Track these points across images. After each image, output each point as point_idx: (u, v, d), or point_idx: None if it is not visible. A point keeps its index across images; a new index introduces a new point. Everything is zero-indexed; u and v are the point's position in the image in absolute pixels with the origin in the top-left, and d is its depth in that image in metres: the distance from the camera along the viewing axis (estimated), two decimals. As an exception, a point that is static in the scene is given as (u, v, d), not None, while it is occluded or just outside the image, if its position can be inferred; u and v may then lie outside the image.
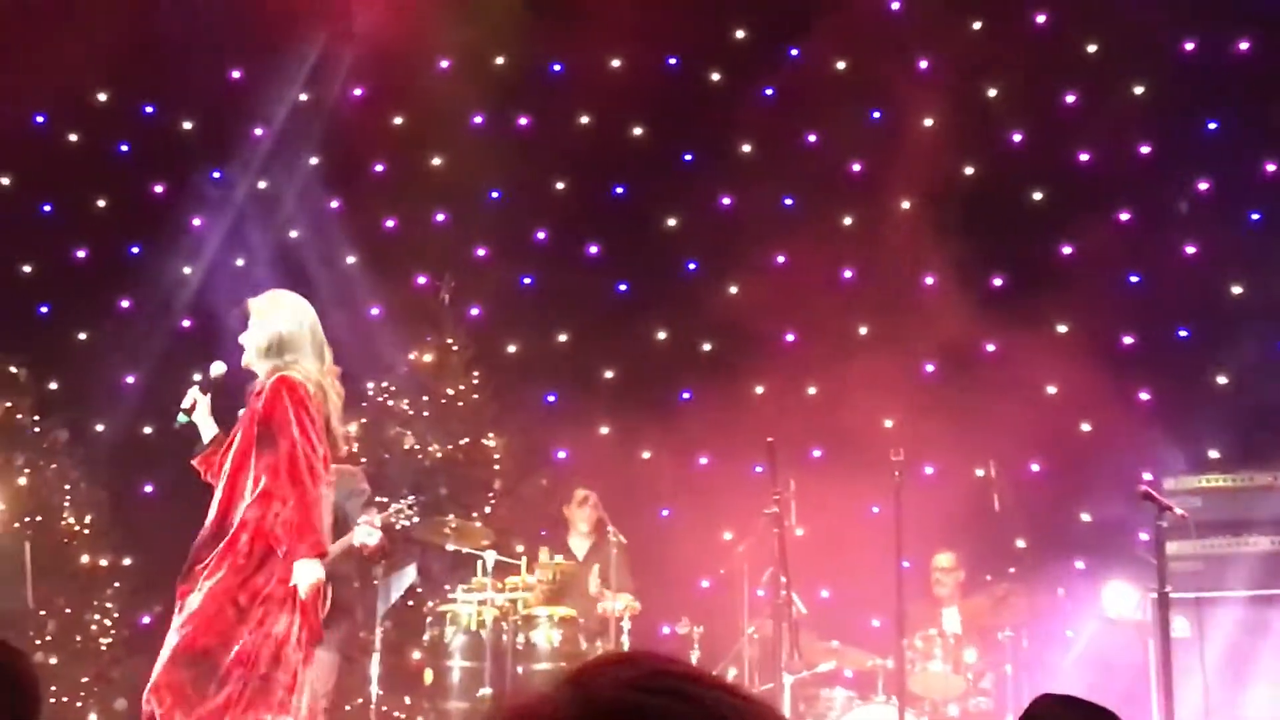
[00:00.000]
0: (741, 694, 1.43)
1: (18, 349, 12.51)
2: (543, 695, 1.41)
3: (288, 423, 6.91)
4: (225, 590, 6.84)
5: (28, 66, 13.03)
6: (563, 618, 10.27)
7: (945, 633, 10.41)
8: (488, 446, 12.88)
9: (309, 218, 13.89)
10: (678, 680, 1.39)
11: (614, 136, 13.86)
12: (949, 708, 10.22)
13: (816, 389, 12.91)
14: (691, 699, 1.37)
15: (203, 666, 6.81)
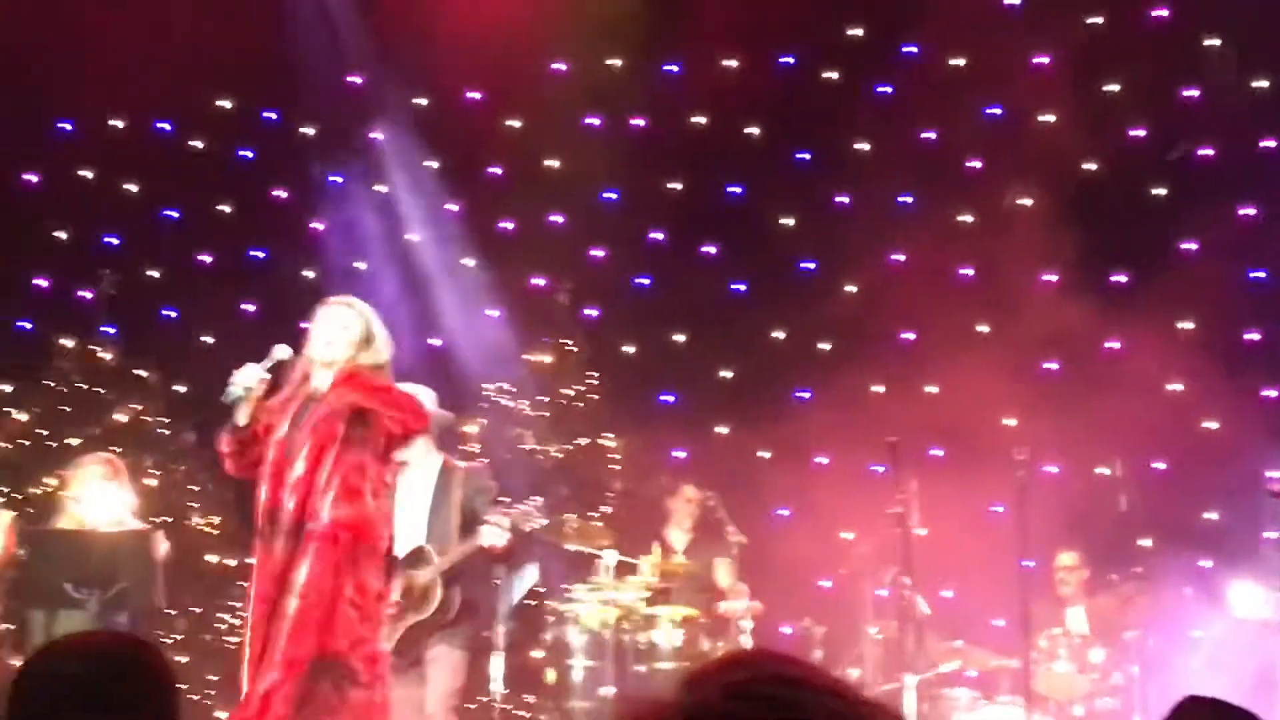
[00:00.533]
0: (854, 697, 1.40)
1: (146, 353, 12.71)
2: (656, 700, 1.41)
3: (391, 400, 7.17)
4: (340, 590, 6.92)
5: (152, 74, 13.23)
6: (684, 618, 10.27)
7: (1070, 632, 10.31)
8: (606, 447, 12.91)
9: (427, 220, 13.99)
10: (784, 686, 1.38)
11: (729, 136, 13.83)
12: (1074, 708, 10.10)
13: (937, 387, 12.81)
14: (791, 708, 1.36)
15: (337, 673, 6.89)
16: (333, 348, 7.24)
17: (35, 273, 13.92)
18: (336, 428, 7.06)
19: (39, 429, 12.80)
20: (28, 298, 13.73)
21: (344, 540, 6.97)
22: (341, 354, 7.25)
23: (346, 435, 7.06)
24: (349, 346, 7.26)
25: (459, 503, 8.44)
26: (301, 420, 7.16)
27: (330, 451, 7.03)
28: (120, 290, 13.43)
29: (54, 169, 14.09)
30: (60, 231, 14.09)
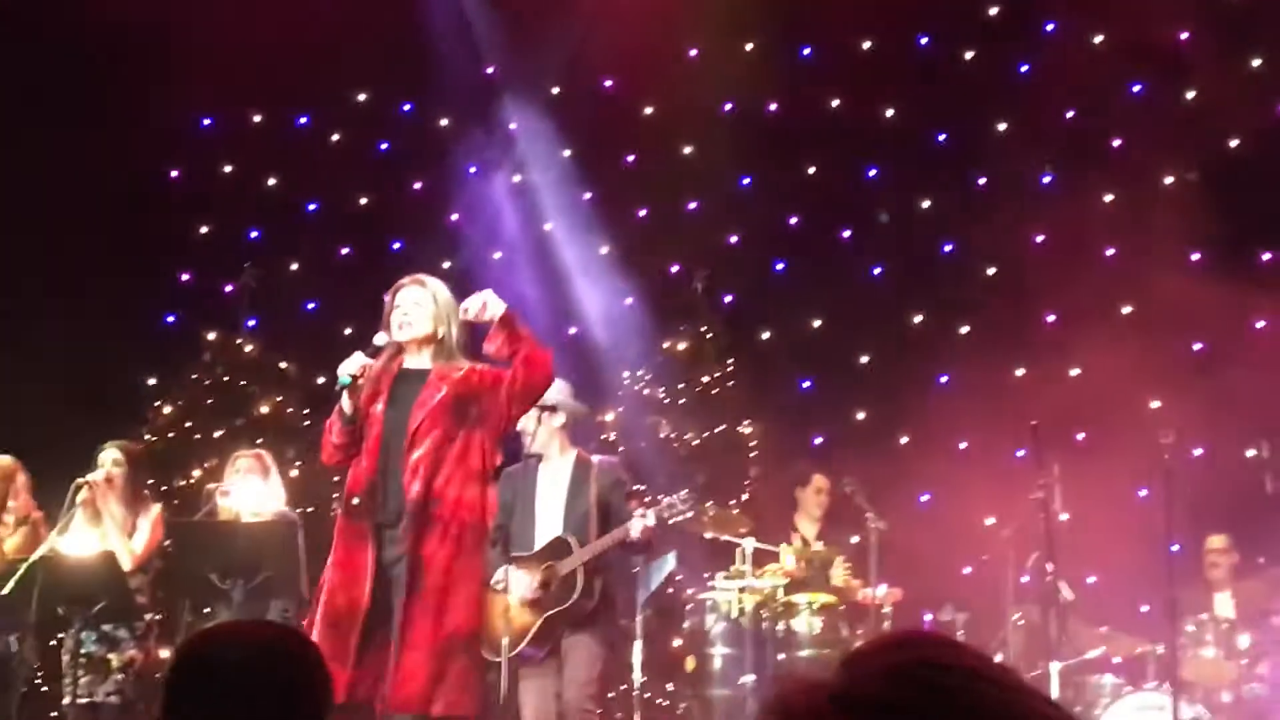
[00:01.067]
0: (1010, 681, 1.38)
1: (287, 345, 12.88)
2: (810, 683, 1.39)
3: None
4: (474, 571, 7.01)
5: (289, 69, 13.39)
6: (823, 605, 10.21)
7: (1218, 618, 10.13)
8: (744, 434, 12.89)
9: (563, 209, 14.04)
10: (940, 672, 1.35)
11: (865, 118, 13.74)
12: (1222, 695, 9.91)
13: (1079, 370, 12.64)
14: (945, 694, 1.33)
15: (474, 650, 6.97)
16: (410, 327, 7.28)
17: (179, 267, 14.15)
18: (453, 409, 7.10)
19: (184, 421, 13.01)
20: (172, 292, 13.96)
21: (471, 521, 7.03)
22: (421, 330, 7.30)
23: (465, 415, 7.11)
24: (426, 320, 7.29)
25: (595, 496, 8.45)
26: (403, 399, 7.21)
27: (455, 432, 7.08)
28: (262, 283, 13.63)
29: (196, 165, 14.31)
30: (203, 226, 14.32)
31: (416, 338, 7.30)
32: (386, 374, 7.32)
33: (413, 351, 7.36)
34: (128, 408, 12.90)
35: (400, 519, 7.10)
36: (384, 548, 7.11)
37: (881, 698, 1.33)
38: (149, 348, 13.49)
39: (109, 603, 8.43)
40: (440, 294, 7.41)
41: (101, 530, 9.01)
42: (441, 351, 7.30)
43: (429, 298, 7.37)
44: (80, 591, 8.36)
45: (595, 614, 8.22)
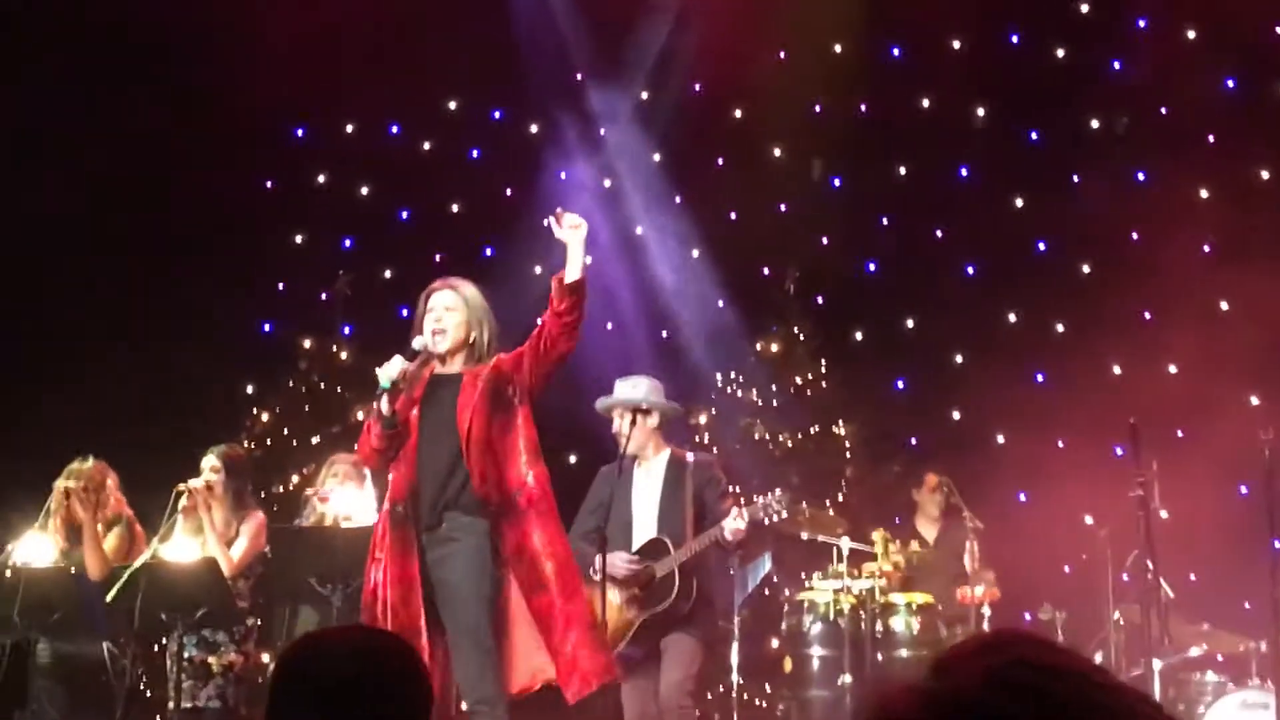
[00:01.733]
0: (1112, 684, 1.36)
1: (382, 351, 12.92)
2: (907, 685, 1.38)
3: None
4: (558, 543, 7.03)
5: (380, 79, 13.50)
6: (921, 604, 10.17)
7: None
8: (838, 435, 12.85)
9: (653, 213, 14.05)
10: (1038, 672, 1.34)
11: (957, 118, 13.67)
12: (1328, 692, 9.78)
13: (1177, 367, 12.51)
14: (1046, 693, 1.31)
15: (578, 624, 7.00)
16: (445, 336, 7.26)
17: (275, 276, 14.28)
18: (492, 402, 7.08)
19: (282, 428, 13.13)
20: (268, 300, 14.09)
21: (535, 499, 7.03)
22: (454, 336, 7.26)
23: (503, 403, 7.09)
24: (459, 328, 7.27)
25: (690, 495, 8.44)
26: (438, 404, 7.19)
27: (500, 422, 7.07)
28: (356, 290, 13.72)
29: (289, 175, 14.45)
30: (298, 235, 14.45)
31: (450, 345, 7.29)
32: (418, 380, 7.31)
33: (447, 357, 7.32)
34: (227, 415, 13.04)
35: (437, 525, 7.12)
36: (425, 553, 7.11)
37: (982, 701, 1.31)
38: (247, 356, 13.63)
39: (211, 608, 8.51)
40: (472, 298, 7.36)
41: (203, 537, 9.10)
42: (472, 355, 7.26)
43: (460, 302, 7.33)
44: (182, 597, 8.44)
45: (693, 614, 8.22)
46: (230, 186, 13.69)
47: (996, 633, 1.40)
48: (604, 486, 8.48)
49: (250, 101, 13.44)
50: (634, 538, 8.43)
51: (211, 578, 8.54)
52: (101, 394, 12.43)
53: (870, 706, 1.37)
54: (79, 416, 11.89)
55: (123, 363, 12.48)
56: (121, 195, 12.79)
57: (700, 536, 8.18)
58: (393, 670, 2.69)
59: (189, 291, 12.83)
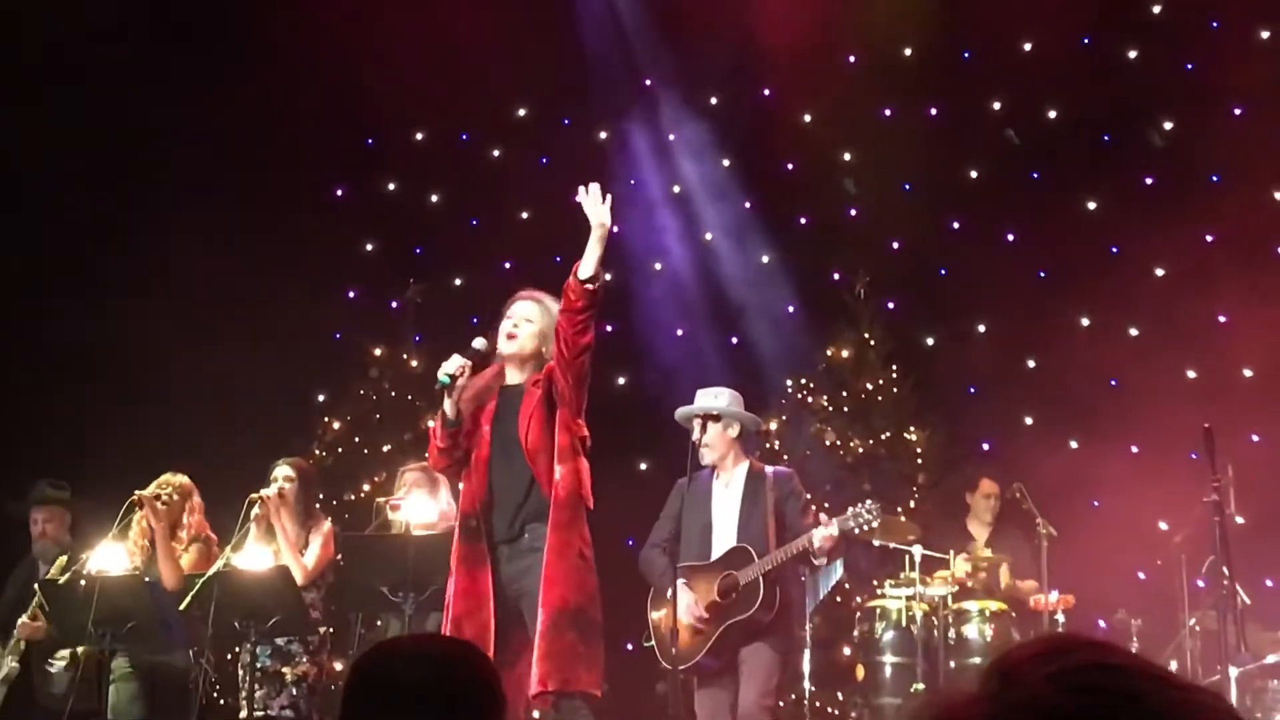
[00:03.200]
0: (1181, 683, 1.33)
1: (451, 359, 12.96)
2: (971, 693, 1.35)
3: None
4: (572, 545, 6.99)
5: (450, 87, 13.55)
6: (994, 611, 10.11)
7: (1403, 620, 9.87)
8: (910, 440, 12.79)
9: (724, 219, 14.04)
10: (1109, 674, 1.31)
11: (1028, 120, 13.60)
12: (1406, 700, 9.65)
13: (1252, 371, 12.39)
14: (1123, 695, 1.29)
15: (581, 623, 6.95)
16: (515, 341, 7.27)
17: (346, 284, 14.37)
18: (545, 407, 7.08)
19: (353, 436, 13.20)
20: (340, 308, 14.17)
21: (565, 496, 7.01)
22: (527, 346, 7.27)
23: (552, 406, 7.08)
24: (531, 339, 7.28)
25: (771, 507, 8.40)
26: (506, 415, 7.19)
27: (552, 427, 7.07)
28: (426, 299, 13.78)
29: (360, 182, 14.53)
30: (368, 243, 14.53)
31: (520, 353, 7.28)
32: (490, 391, 7.32)
33: (513, 366, 7.34)
34: (298, 423, 13.13)
35: (518, 536, 7.11)
36: (501, 566, 7.11)
37: (1056, 705, 1.29)
38: (318, 364, 13.71)
39: (283, 617, 8.55)
40: (552, 314, 7.29)
41: (275, 545, 9.15)
42: (538, 368, 7.28)
43: (539, 314, 7.33)
44: (255, 606, 8.49)
45: (774, 624, 8.18)
46: (302, 195, 13.79)
47: (1054, 637, 1.38)
48: (677, 498, 8.46)
49: (320, 110, 13.55)
50: (714, 546, 8.38)
51: (284, 586, 8.58)
52: (178, 403, 12.55)
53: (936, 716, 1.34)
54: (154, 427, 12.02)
55: (198, 372, 12.58)
56: (195, 207, 12.88)
57: (788, 545, 8.11)
58: (465, 678, 2.69)
59: (262, 300, 12.92)
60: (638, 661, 11.49)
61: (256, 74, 13.04)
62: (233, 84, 13.04)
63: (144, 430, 12.00)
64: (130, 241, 12.88)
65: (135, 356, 12.50)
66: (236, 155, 13.26)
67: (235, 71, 13.11)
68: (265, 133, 13.31)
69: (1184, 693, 1.31)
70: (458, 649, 2.88)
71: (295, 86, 13.26)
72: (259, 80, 13.07)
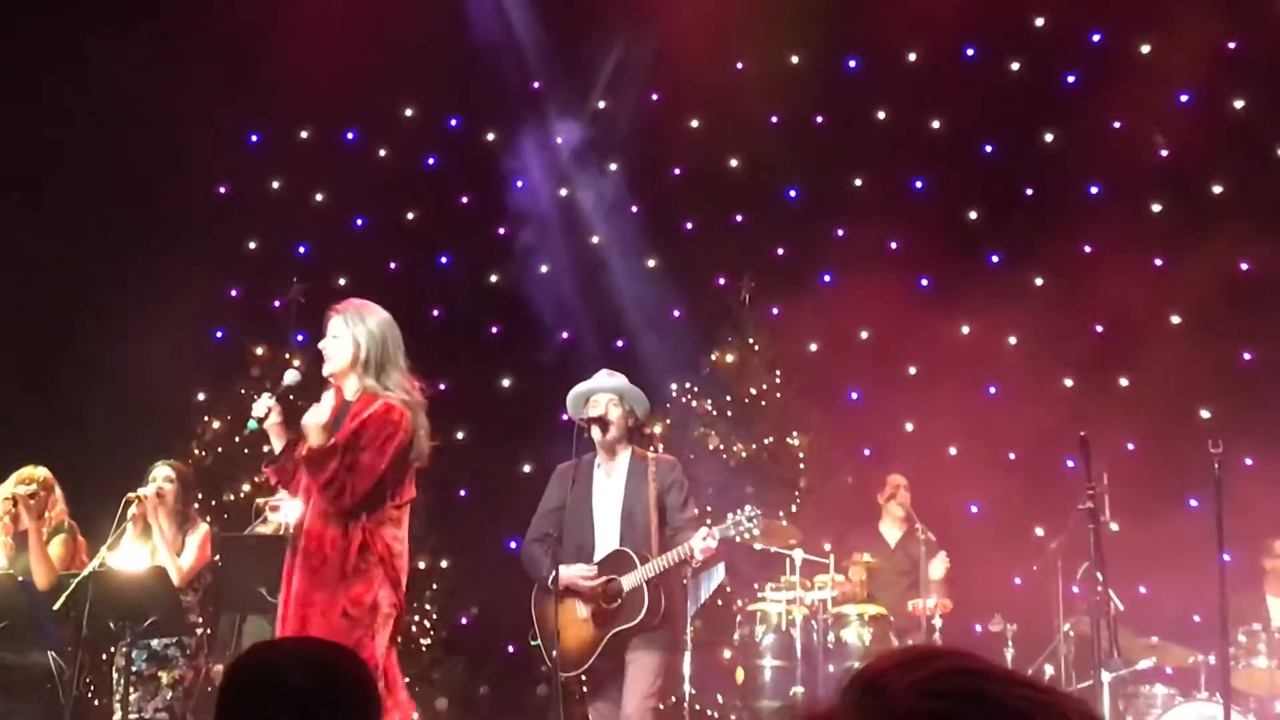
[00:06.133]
0: (1046, 689, 1.35)
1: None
2: (835, 704, 1.36)
3: (383, 453, 6.91)
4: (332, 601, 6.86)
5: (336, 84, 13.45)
6: (873, 616, 10.19)
7: (1272, 628, 10.05)
8: (792, 445, 12.86)
9: (610, 223, 14.05)
10: (974, 679, 1.33)
11: (912, 129, 13.72)
12: (1275, 704, 9.84)
13: (1128, 380, 12.59)
14: (992, 701, 1.31)
15: None
16: (328, 364, 7.12)
17: (228, 282, 14.22)
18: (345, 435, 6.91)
19: (233, 436, 13.06)
20: (221, 307, 14.02)
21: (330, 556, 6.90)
22: (340, 363, 7.09)
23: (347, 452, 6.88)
24: (341, 353, 7.07)
25: (654, 496, 8.36)
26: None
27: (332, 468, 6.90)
28: (310, 298, 13.67)
29: (244, 180, 14.39)
30: (251, 241, 14.39)
31: (336, 372, 7.11)
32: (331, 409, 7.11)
33: (341, 382, 7.15)
34: (177, 422, 12.98)
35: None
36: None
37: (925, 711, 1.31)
38: (198, 363, 13.55)
39: (160, 617, 8.44)
40: (354, 321, 7.09)
41: (151, 545, 9.05)
42: (360, 379, 7.06)
43: (343, 326, 7.09)
44: (131, 606, 8.38)
45: (659, 627, 8.18)
46: (184, 190, 13.63)
47: (914, 648, 1.40)
48: (558, 485, 8.41)
49: (206, 104, 13.40)
50: (596, 544, 8.33)
51: (161, 586, 8.48)
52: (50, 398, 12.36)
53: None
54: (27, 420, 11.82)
55: (72, 366, 12.40)
56: (75, 197, 12.71)
57: (669, 554, 8.08)
58: (343, 680, 2.68)
59: (140, 296, 12.75)
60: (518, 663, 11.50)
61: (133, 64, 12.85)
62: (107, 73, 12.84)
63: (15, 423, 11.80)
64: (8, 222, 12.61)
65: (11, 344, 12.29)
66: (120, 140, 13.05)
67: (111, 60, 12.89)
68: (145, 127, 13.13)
69: (1036, 693, 1.33)
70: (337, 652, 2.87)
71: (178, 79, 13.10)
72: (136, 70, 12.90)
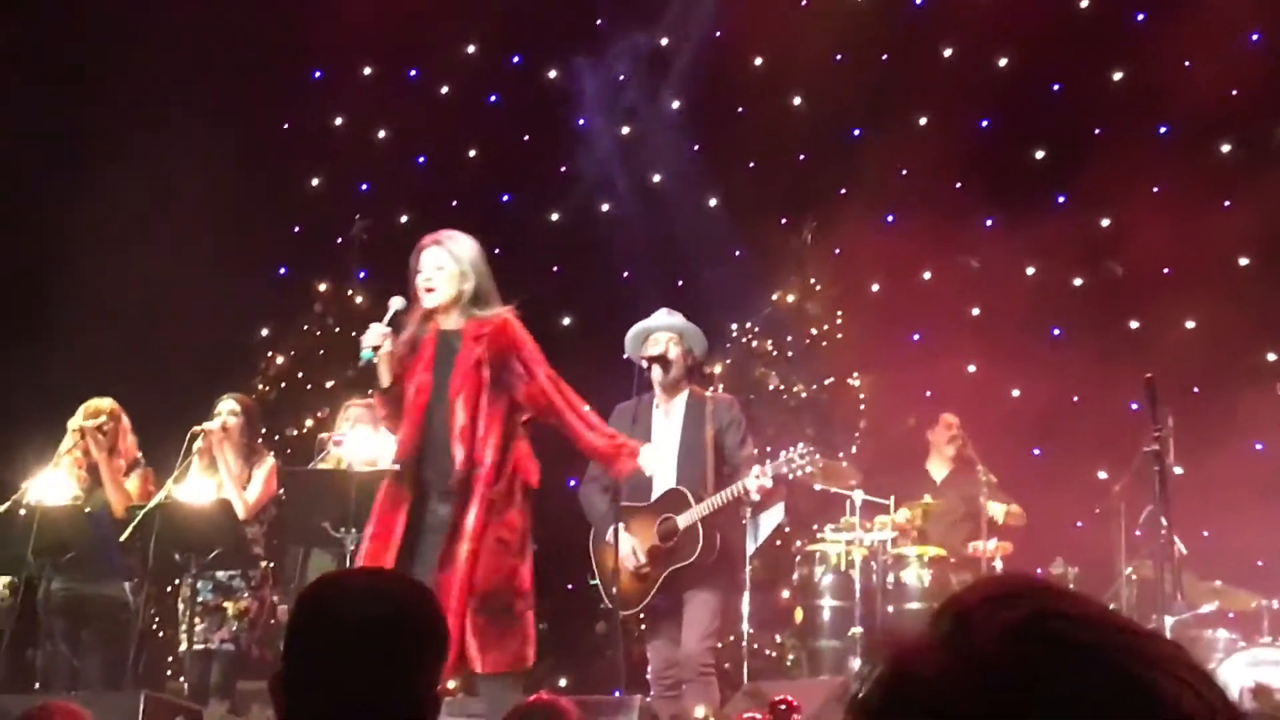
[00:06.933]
0: (1145, 634, 1.29)
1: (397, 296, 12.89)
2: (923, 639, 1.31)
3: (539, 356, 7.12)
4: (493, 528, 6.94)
5: (399, 23, 13.44)
6: (932, 557, 10.17)
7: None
8: (853, 386, 12.82)
9: (672, 161, 14.00)
10: (1069, 623, 1.27)
11: (978, 68, 13.57)
12: (1340, 649, 9.76)
13: (1195, 323, 12.47)
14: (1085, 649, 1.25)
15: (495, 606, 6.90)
16: (434, 295, 7.16)
17: (291, 219, 14.26)
18: (484, 374, 7.01)
19: (297, 372, 13.14)
20: (284, 244, 14.07)
21: (504, 486, 6.96)
22: (448, 294, 7.15)
23: (494, 380, 7.04)
24: (449, 285, 7.15)
25: (710, 436, 8.36)
26: (442, 363, 7.12)
27: (483, 398, 7.01)
28: (372, 235, 13.70)
29: (307, 117, 14.41)
30: (314, 179, 14.42)
31: (443, 303, 7.18)
32: (426, 340, 7.25)
33: (441, 313, 7.22)
34: (241, 358, 13.05)
35: (442, 486, 7.04)
36: (422, 515, 7.08)
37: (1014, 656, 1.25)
38: (262, 299, 13.62)
39: (224, 550, 8.53)
40: (459, 251, 7.22)
41: (217, 479, 9.12)
42: (469, 308, 7.17)
43: (448, 257, 7.20)
44: (196, 538, 8.47)
45: (715, 567, 8.18)
46: (247, 128, 13.65)
47: (1006, 581, 1.32)
48: (620, 427, 8.41)
49: (268, 41, 13.41)
50: (654, 483, 8.35)
51: (225, 519, 8.56)
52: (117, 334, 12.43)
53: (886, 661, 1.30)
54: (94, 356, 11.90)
55: (139, 303, 12.47)
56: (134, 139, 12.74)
57: (723, 492, 8.10)
58: (412, 614, 2.68)
59: (204, 235, 12.80)
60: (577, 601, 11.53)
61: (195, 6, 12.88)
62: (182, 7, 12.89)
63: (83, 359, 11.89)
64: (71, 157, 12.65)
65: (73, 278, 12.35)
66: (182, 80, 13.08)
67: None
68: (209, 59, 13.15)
69: (1134, 639, 1.27)
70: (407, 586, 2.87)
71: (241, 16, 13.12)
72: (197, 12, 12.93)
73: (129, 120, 12.75)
